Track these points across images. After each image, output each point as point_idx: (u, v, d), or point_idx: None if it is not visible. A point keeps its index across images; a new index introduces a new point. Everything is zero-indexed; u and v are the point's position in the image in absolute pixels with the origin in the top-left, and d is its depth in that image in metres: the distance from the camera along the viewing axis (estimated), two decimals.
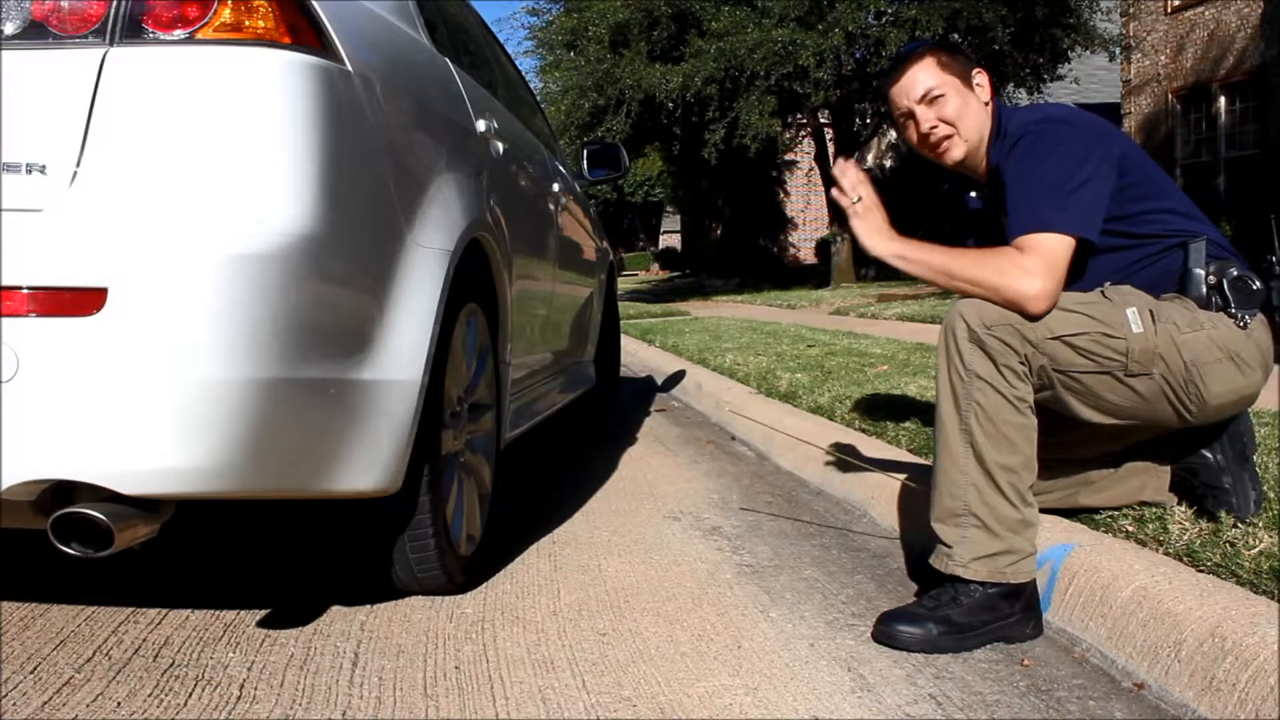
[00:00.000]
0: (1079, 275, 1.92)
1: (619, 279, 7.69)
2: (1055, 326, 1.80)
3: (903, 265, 1.91)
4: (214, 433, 1.45)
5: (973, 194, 2.14)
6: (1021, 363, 1.79)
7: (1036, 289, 1.79)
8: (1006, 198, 1.90)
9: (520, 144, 2.84)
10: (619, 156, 4.30)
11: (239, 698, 1.55)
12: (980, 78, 2.02)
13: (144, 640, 1.77)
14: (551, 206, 3.20)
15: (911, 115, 2.02)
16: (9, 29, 1.48)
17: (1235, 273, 1.88)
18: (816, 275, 19.36)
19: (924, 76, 1.99)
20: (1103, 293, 1.88)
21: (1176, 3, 15.19)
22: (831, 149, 16.96)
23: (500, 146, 2.45)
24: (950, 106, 1.98)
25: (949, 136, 2.00)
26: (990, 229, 2.02)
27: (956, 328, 1.81)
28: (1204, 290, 1.88)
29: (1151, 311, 1.84)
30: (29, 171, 1.43)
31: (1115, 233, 1.90)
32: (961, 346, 1.80)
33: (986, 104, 2.01)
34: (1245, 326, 1.86)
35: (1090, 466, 2.09)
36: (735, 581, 2.15)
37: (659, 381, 5.94)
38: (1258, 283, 1.88)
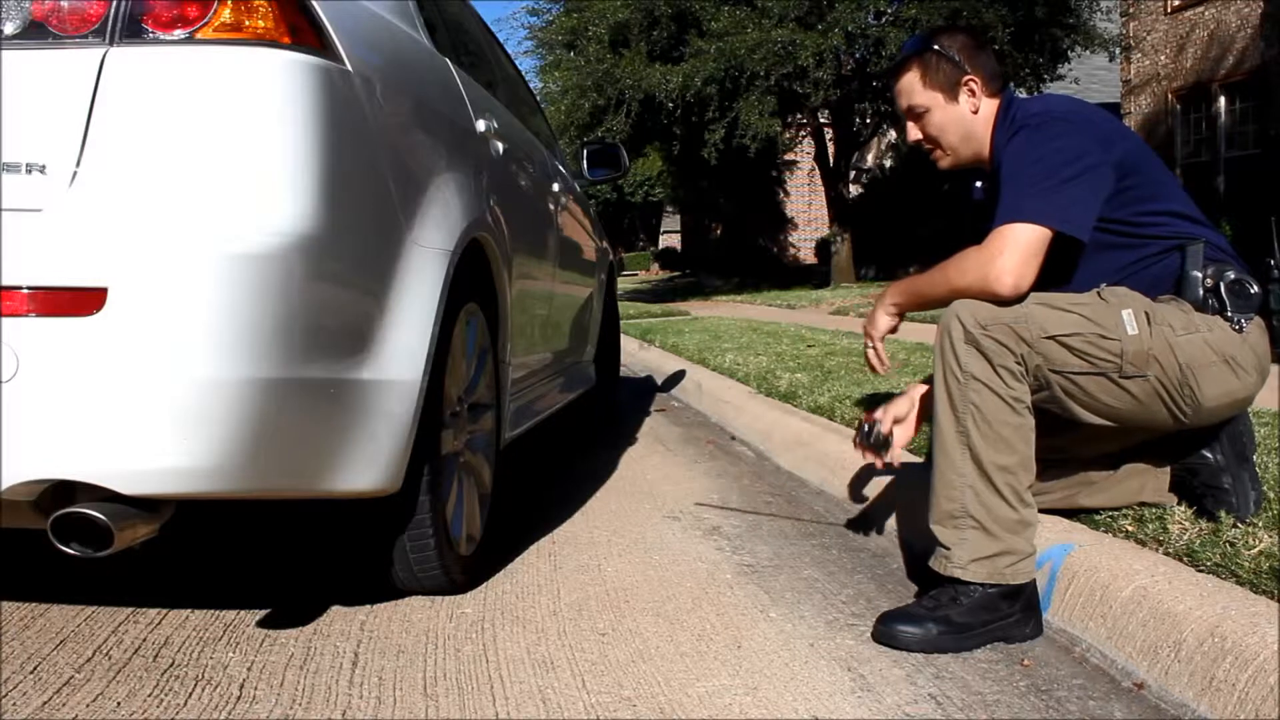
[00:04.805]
0: (1074, 275, 1.92)
1: (619, 279, 7.69)
2: (1050, 326, 1.80)
3: (901, 306, 2.02)
4: (214, 433, 1.45)
5: (978, 184, 2.14)
6: (1018, 363, 1.79)
7: (996, 268, 1.81)
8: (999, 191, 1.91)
9: (520, 144, 2.84)
10: (619, 156, 4.30)
11: (239, 698, 1.55)
12: (972, 84, 2.00)
13: (144, 640, 1.77)
14: (551, 206, 3.20)
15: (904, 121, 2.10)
16: (9, 29, 1.48)
17: (1232, 276, 1.88)
18: (816, 275, 19.33)
19: (907, 90, 2.05)
20: (1099, 293, 1.88)
21: (1176, 3, 15.18)
22: (831, 149, 16.96)
23: (500, 146, 2.45)
24: (931, 124, 2.05)
25: (931, 150, 2.07)
26: (991, 219, 2.02)
27: (952, 329, 1.81)
28: (1200, 293, 1.88)
29: (1147, 313, 1.84)
30: (29, 171, 1.43)
31: (1115, 232, 1.90)
32: (957, 349, 1.80)
33: (976, 111, 2.02)
34: (1241, 330, 1.86)
35: (1090, 467, 2.08)
36: (735, 581, 2.15)
37: (659, 381, 5.94)
38: (1255, 286, 1.88)
